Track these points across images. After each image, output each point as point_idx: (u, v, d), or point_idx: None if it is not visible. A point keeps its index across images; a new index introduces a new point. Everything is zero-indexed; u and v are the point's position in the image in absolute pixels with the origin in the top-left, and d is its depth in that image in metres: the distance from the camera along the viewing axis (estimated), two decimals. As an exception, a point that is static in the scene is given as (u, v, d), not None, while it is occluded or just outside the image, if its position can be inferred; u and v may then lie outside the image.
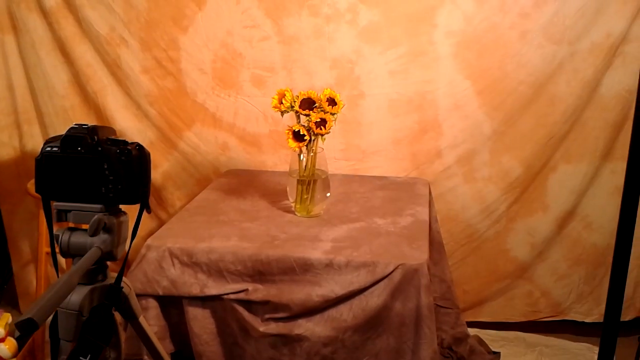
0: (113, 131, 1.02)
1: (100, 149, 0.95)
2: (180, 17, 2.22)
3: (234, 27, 2.22)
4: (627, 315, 2.33)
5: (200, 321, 1.61)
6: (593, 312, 2.37)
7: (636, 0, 1.99)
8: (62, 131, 2.30)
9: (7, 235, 2.51)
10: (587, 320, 2.38)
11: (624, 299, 2.29)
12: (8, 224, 2.49)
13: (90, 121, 2.33)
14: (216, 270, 1.59)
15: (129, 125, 2.36)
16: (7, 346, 2.09)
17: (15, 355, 2.10)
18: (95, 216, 0.95)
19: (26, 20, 2.28)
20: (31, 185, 2.19)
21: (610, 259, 2.29)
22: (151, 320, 1.60)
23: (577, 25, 2.05)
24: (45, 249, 2.18)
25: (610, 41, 2.05)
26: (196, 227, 1.75)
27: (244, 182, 2.18)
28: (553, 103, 2.15)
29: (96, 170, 0.96)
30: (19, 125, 2.41)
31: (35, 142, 2.44)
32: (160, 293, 1.60)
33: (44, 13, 2.27)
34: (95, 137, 0.96)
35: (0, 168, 2.42)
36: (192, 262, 1.60)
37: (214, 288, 1.59)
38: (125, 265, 1.03)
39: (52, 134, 2.30)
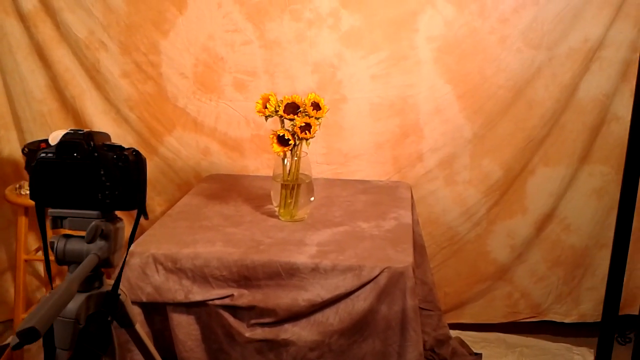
0: (108, 137, 1.01)
1: (96, 154, 0.94)
2: (161, 21, 2.20)
3: (215, 31, 2.21)
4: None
5: (185, 327, 1.60)
6: (572, 313, 2.41)
7: (612, 6, 2.04)
8: (40, 136, 2.29)
9: (-17, 242, 2.46)
10: (566, 321, 2.42)
11: (602, 299, 2.35)
12: (-17, 231, 2.44)
13: (68, 126, 2.31)
14: (201, 275, 1.58)
15: (108, 130, 2.32)
16: (-16, 356, 2.06)
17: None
18: (93, 222, 0.93)
19: (3, 24, 2.24)
20: (9, 192, 2.15)
21: (588, 260, 2.36)
22: (135, 327, 1.58)
23: (555, 31, 2.09)
24: (24, 256, 2.14)
25: (588, 46, 2.09)
26: (180, 233, 1.74)
27: (226, 187, 2.17)
28: (532, 107, 2.18)
29: (93, 176, 0.95)
30: (-5, 131, 2.37)
31: (12, 148, 2.40)
32: (144, 300, 1.58)
33: (22, 17, 2.24)
34: (92, 143, 0.95)
35: (-24, 174, 2.38)
36: (176, 268, 1.58)
37: (198, 294, 1.57)
38: (121, 273, 1.02)
39: (29, 140, 2.28)
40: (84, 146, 0.94)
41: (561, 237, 2.33)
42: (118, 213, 1.02)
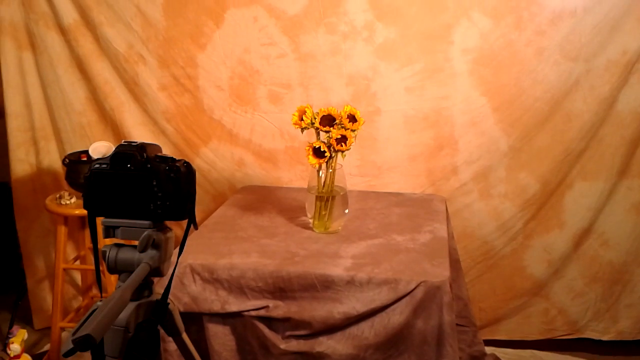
0: (160, 148, 1.03)
1: (149, 166, 0.96)
2: (198, 35, 2.24)
3: (251, 45, 2.23)
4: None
5: (221, 338, 1.61)
6: (610, 331, 2.35)
7: (652, 18, 2.00)
8: (79, 148, 2.34)
9: (22, 251, 2.51)
10: (603, 339, 2.36)
11: (638, 317, 2.30)
12: (23, 240, 2.50)
13: (107, 138, 2.36)
14: (237, 286, 1.59)
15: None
16: (22, 363, 2.10)
17: (30, 372, 2.10)
18: (145, 232, 0.95)
19: (44, 38, 2.31)
20: (49, 202, 2.20)
21: (627, 277, 2.30)
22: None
23: (593, 43, 2.06)
24: (62, 265, 2.18)
25: (626, 58, 2.06)
26: (216, 243, 1.75)
27: (260, 198, 2.19)
28: (569, 120, 2.15)
29: (145, 187, 0.96)
30: (35, 142, 2.43)
31: (52, 159, 2.46)
32: (182, 309, 1.59)
33: (62, 30, 2.30)
34: (144, 155, 0.97)
35: (16, 184, 2.43)
36: (213, 279, 1.60)
37: (234, 304, 1.58)
38: (171, 282, 1.03)
39: (69, 151, 2.33)
40: (137, 157, 0.97)
41: (599, 253, 2.28)
42: (168, 223, 1.03)
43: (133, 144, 0.98)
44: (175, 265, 1.05)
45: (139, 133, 2.37)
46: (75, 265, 2.38)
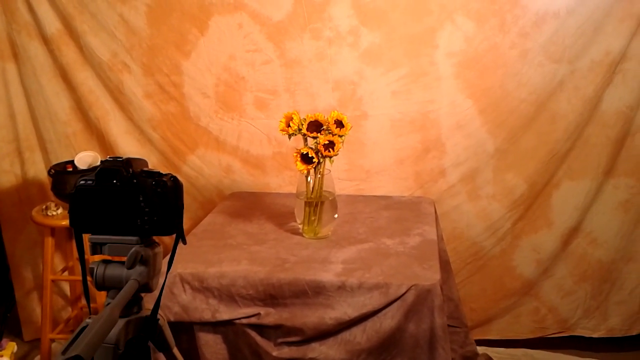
0: (146, 163, 1.02)
1: (135, 181, 0.95)
2: (182, 42, 2.23)
3: (236, 51, 2.23)
4: (634, 330, 2.34)
5: (212, 347, 1.60)
6: (600, 328, 2.38)
7: (633, 18, 2.03)
8: (65, 158, 2.32)
9: (10, 262, 2.49)
10: (594, 336, 2.38)
11: (630, 313, 2.32)
12: (10, 251, 2.47)
13: (92, 147, 2.35)
14: (227, 294, 1.58)
15: (132, 151, 2.36)
16: (12, 376, 2.08)
17: (20, 386, 2.08)
18: (133, 248, 0.94)
19: (27, 48, 2.29)
20: (36, 213, 2.18)
21: (615, 274, 2.33)
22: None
23: (577, 44, 2.08)
24: (51, 276, 2.16)
25: (610, 59, 2.08)
26: (205, 252, 1.75)
27: (249, 205, 2.18)
28: (555, 120, 2.17)
29: (132, 202, 0.95)
30: (20, 153, 2.40)
31: (37, 169, 2.44)
32: (172, 319, 1.58)
33: (45, 40, 2.28)
34: (130, 170, 0.96)
35: (1, 196, 2.41)
36: (203, 287, 1.59)
37: (225, 313, 1.57)
38: (160, 297, 1.03)
39: (54, 161, 2.31)
40: (122, 173, 0.95)
41: (588, 251, 2.30)
42: (155, 238, 1.03)
43: (118, 159, 0.97)
44: (164, 281, 1.04)
45: (125, 142, 2.35)
46: (64, 276, 2.36)
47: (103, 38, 2.25)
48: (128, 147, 2.36)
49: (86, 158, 2.12)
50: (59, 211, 2.15)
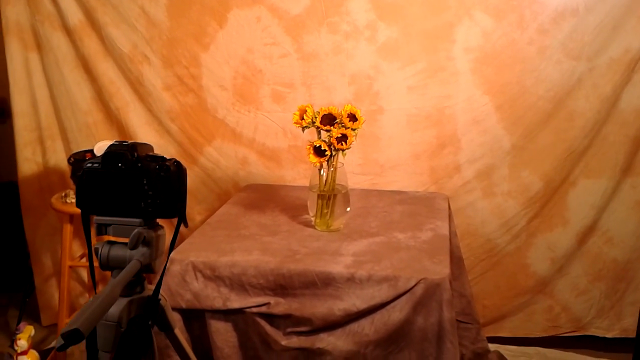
0: (151, 148, 1.05)
1: (140, 165, 0.98)
2: (201, 35, 2.26)
3: (254, 45, 2.25)
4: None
5: (223, 334, 1.62)
6: (614, 328, 2.35)
7: (654, 16, 2.00)
8: (85, 147, 2.36)
9: (30, 249, 2.55)
10: (608, 336, 2.36)
11: (640, 314, 2.29)
12: (31, 238, 2.53)
13: (112, 137, 2.39)
14: (238, 283, 1.60)
15: (150, 141, 2.39)
16: (29, 358, 2.13)
17: (37, 369, 2.13)
18: (136, 230, 0.97)
19: (50, 38, 2.33)
20: (55, 200, 2.23)
21: (631, 274, 2.30)
22: (174, 334, 1.61)
23: (596, 41, 2.06)
24: (69, 262, 2.21)
25: (629, 57, 2.06)
26: (218, 241, 1.77)
27: (263, 197, 2.20)
28: (572, 118, 2.15)
29: (136, 185, 0.98)
30: (42, 141, 2.46)
31: (58, 158, 2.48)
32: (184, 306, 1.61)
33: (68, 31, 2.32)
34: (135, 154, 0.98)
35: (23, 183, 2.47)
36: (214, 276, 1.61)
37: (236, 301, 1.60)
38: (162, 278, 1.05)
39: (75, 150, 2.35)
40: (128, 157, 0.98)
41: (603, 250, 2.28)
42: (159, 221, 1.05)
43: (124, 143, 1.00)
44: (166, 263, 1.07)
45: (144, 132, 2.39)
46: (81, 262, 2.41)
47: (124, 30, 2.29)
48: (147, 137, 2.40)
49: (105, 147, 2.15)
50: (78, 199, 2.18)
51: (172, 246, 1.08)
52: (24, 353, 2.08)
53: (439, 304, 1.52)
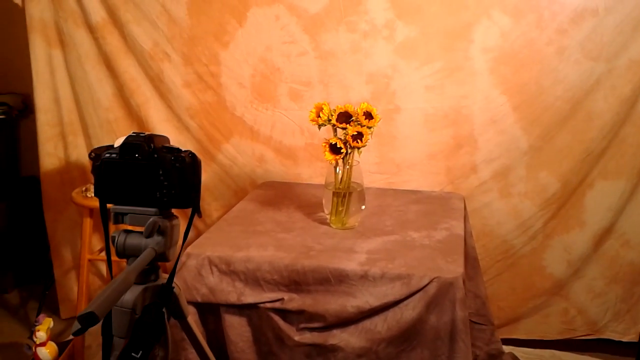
0: (167, 139, 1.07)
1: (156, 156, 1.01)
2: (221, 33, 2.28)
3: (272, 43, 2.27)
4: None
5: (237, 329, 1.64)
6: (630, 331, 2.33)
7: (676, 17, 1.98)
8: (106, 142, 2.40)
9: (50, 242, 2.59)
10: (624, 340, 2.34)
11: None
12: (51, 231, 2.57)
13: (132, 133, 2.41)
14: (253, 279, 1.62)
15: (169, 137, 2.40)
16: (48, 350, 2.17)
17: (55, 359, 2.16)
18: (151, 219, 1.00)
19: (73, 35, 2.37)
20: (76, 194, 2.26)
21: (649, 278, 2.27)
22: (189, 327, 1.64)
23: (615, 42, 2.04)
24: (88, 256, 2.24)
25: (649, 58, 2.04)
26: (234, 237, 1.79)
27: (279, 194, 2.22)
28: (590, 119, 2.14)
29: (152, 176, 1.01)
30: (64, 136, 2.50)
31: (80, 153, 2.53)
32: (199, 300, 1.63)
33: (90, 28, 2.36)
34: (152, 145, 1.01)
35: (45, 177, 2.51)
36: (230, 271, 1.63)
37: (250, 296, 1.62)
38: (176, 267, 1.08)
39: (96, 145, 2.39)
40: (144, 148, 1.01)
41: (620, 253, 2.26)
42: (174, 211, 1.08)
43: (141, 134, 1.02)
44: (180, 252, 1.10)
45: (164, 129, 2.42)
46: (100, 256, 2.45)
47: (145, 27, 2.32)
48: (166, 134, 2.38)
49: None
50: (98, 193, 2.22)
51: (186, 235, 1.11)
52: (43, 344, 2.12)
53: (452, 303, 1.52)
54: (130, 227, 1.06)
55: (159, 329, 0.99)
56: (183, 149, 1.05)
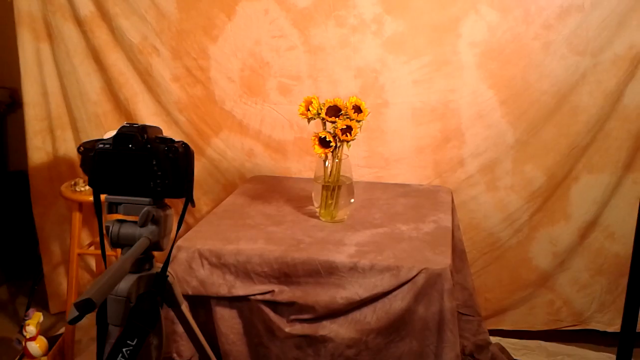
0: (160, 130, 1.08)
1: (149, 146, 1.02)
2: (210, 27, 2.29)
3: (262, 37, 2.28)
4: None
5: (228, 321, 1.66)
6: (615, 322, 2.37)
7: (659, 12, 2.01)
8: (94, 136, 2.39)
9: (39, 237, 2.58)
10: (608, 330, 2.37)
11: (641, 309, 2.30)
12: (40, 226, 2.56)
13: (121, 127, 2.41)
14: (243, 271, 1.64)
15: (158, 132, 2.42)
16: (38, 344, 2.18)
17: (45, 354, 2.17)
18: (145, 208, 1.01)
19: (61, 29, 2.36)
20: (64, 189, 2.26)
21: (633, 269, 2.30)
22: (180, 319, 1.65)
23: (600, 37, 2.07)
24: (77, 250, 2.24)
25: (633, 53, 2.07)
26: (224, 230, 1.80)
27: (269, 188, 2.23)
28: (576, 113, 2.17)
29: (145, 166, 1.03)
30: (52, 130, 2.49)
31: (68, 147, 2.52)
32: (190, 293, 1.64)
33: (79, 22, 2.35)
34: (145, 136, 1.03)
35: (33, 171, 2.50)
36: (220, 263, 1.65)
37: (241, 289, 1.63)
38: (170, 256, 1.09)
39: (84, 139, 2.39)
40: (138, 138, 1.03)
41: (605, 245, 2.30)
42: (167, 201, 1.09)
43: (135, 125, 1.04)
44: (174, 241, 1.11)
45: (152, 123, 2.40)
46: (90, 250, 2.45)
47: (134, 21, 2.32)
48: (155, 128, 2.42)
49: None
50: (87, 187, 2.22)
51: (180, 224, 1.12)
52: (33, 339, 2.12)
53: (440, 294, 1.55)
54: (124, 217, 1.07)
55: (153, 317, 1.01)
56: (176, 140, 1.07)
